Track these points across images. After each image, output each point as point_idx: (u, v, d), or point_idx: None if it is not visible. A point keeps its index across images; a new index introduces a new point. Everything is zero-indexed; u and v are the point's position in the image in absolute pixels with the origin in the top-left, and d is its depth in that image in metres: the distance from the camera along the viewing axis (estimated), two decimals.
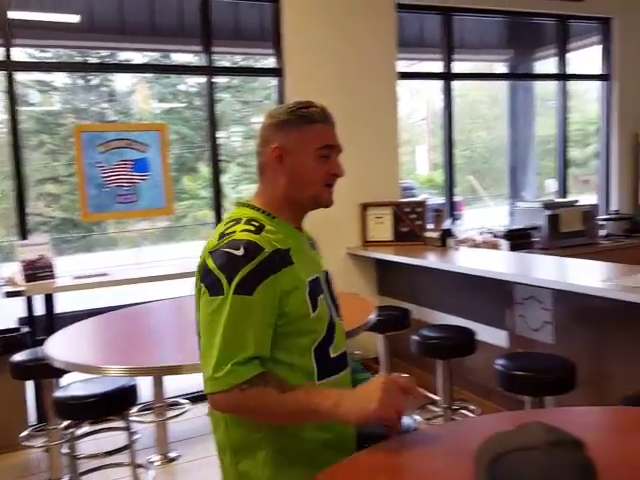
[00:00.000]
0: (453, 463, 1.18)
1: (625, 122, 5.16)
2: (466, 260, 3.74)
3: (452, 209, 4.87)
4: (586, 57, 5.39)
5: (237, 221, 1.32)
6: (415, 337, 3.11)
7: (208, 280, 1.25)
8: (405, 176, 5.51)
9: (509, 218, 5.13)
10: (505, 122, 5.76)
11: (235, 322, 1.21)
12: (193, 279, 1.34)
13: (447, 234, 4.15)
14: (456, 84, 4.91)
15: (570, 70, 5.21)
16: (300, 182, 1.37)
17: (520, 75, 5.57)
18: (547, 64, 5.36)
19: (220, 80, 5.75)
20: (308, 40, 4.12)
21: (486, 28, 5.24)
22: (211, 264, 1.25)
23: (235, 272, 1.22)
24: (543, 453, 0.96)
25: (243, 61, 5.89)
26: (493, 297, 3.44)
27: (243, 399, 1.21)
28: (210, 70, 4.04)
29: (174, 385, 3.68)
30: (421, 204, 4.36)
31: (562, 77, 5.19)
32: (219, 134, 4.10)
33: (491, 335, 3.43)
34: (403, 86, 4.51)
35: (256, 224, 1.31)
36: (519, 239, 4.35)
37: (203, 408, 3.61)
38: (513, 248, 4.25)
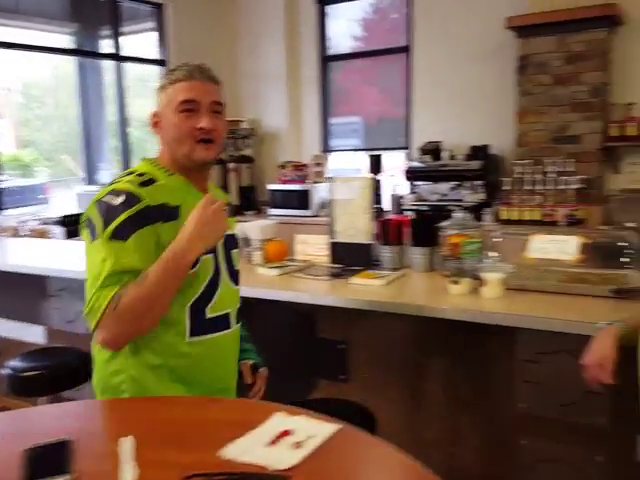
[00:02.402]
0: None
1: None
2: None
3: None
4: (148, 41, 5.45)
5: (130, 173, 1.41)
6: None
7: (89, 226, 1.34)
8: None
9: (77, 202, 4.88)
10: (76, 101, 5.42)
11: (107, 263, 1.28)
12: None
13: None
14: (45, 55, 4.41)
15: (130, 52, 5.18)
16: (172, 142, 1.42)
17: (77, 51, 5.23)
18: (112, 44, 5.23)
19: None
20: None
21: None
22: (92, 211, 1.34)
23: (111, 219, 1.30)
24: None
25: None
26: (27, 291, 3.14)
27: (121, 315, 1.27)
28: None
29: None
30: None
31: (118, 58, 5.10)
32: None
33: (27, 332, 3.14)
34: None
35: (146, 178, 1.39)
36: (76, 225, 4.14)
37: None
38: (71, 235, 4.02)
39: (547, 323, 1.80)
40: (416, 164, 4.61)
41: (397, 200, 4.73)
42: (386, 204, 4.83)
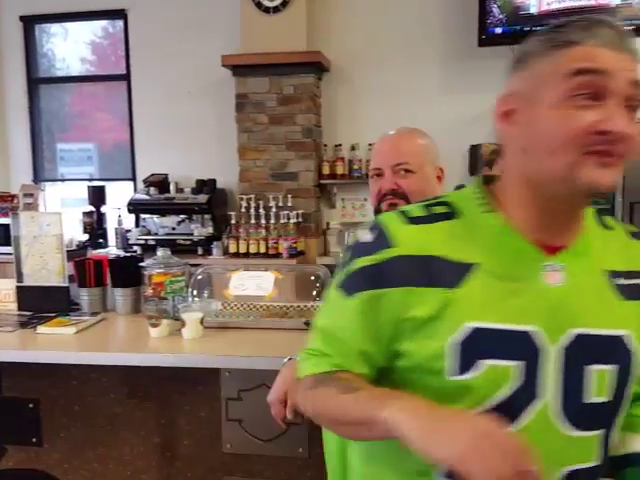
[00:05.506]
0: None
1: None
2: None
3: None
4: None
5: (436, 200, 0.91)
6: None
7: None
8: None
9: None
10: None
11: (330, 316, 0.90)
12: None
13: None
14: None
15: None
16: (537, 149, 0.78)
17: None
18: None
19: None
20: None
21: None
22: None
23: (349, 262, 0.89)
24: None
25: None
26: None
27: (310, 396, 0.89)
28: None
29: None
30: None
31: None
32: None
33: None
34: None
35: (438, 210, 0.87)
36: None
37: None
38: None
39: (247, 362, 1.76)
40: (140, 196, 4.39)
41: (123, 234, 4.44)
42: (111, 239, 4.53)
